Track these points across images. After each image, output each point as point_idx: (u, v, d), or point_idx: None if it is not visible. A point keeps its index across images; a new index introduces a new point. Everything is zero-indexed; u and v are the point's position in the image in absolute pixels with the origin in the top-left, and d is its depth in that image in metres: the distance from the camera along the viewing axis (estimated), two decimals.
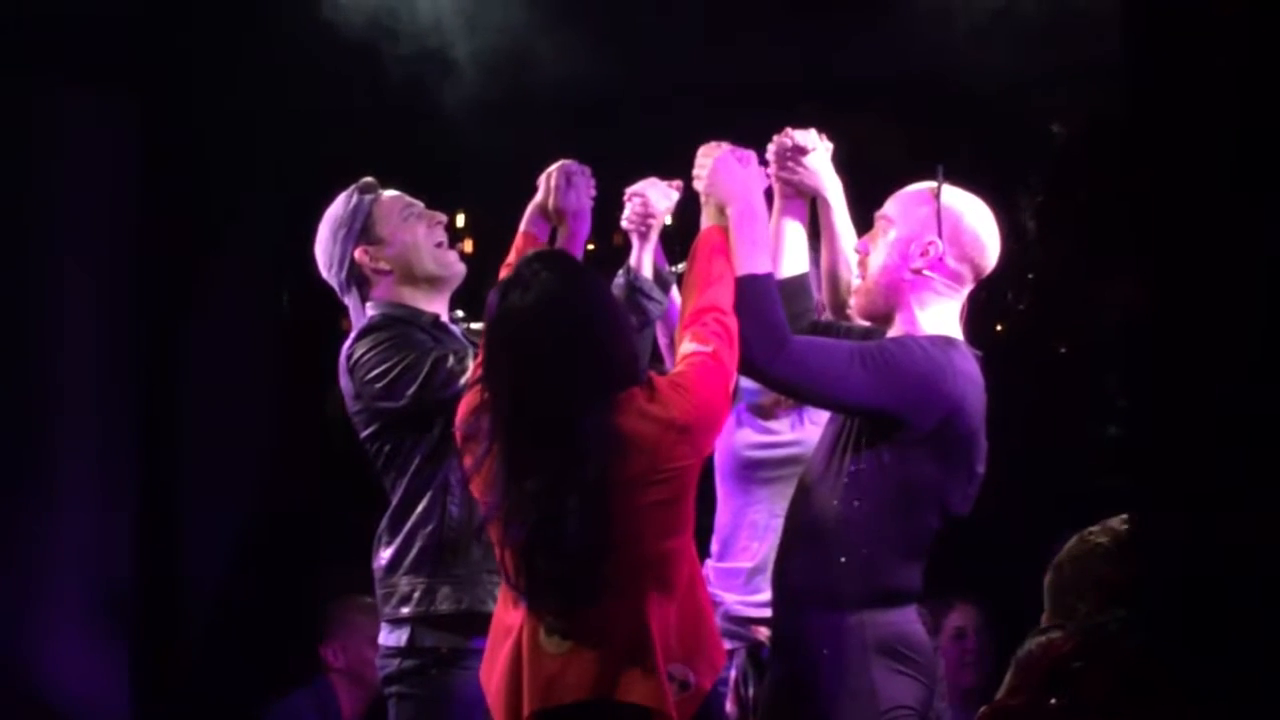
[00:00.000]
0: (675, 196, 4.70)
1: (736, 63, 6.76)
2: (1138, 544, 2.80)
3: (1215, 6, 2.71)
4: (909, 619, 4.15)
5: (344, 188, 4.80)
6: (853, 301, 4.39)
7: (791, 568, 4.21)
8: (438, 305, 4.71)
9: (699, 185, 4.30)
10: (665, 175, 4.86)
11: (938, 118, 6.92)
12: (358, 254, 4.70)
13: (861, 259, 4.31)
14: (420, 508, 4.56)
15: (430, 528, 4.54)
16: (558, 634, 3.94)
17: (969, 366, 4.17)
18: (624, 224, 4.67)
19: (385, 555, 4.62)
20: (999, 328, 7.53)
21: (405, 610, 4.57)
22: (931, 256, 4.19)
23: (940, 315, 4.21)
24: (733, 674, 4.85)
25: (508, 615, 4.04)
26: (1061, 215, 7.14)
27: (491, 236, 4.94)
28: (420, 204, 4.77)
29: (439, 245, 4.73)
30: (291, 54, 6.43)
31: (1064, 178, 7.02)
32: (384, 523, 4.66)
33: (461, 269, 4.73)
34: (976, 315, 7.58)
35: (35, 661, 6.50)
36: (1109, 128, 5.54)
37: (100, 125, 6.70)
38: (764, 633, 4.83)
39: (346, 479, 4.75)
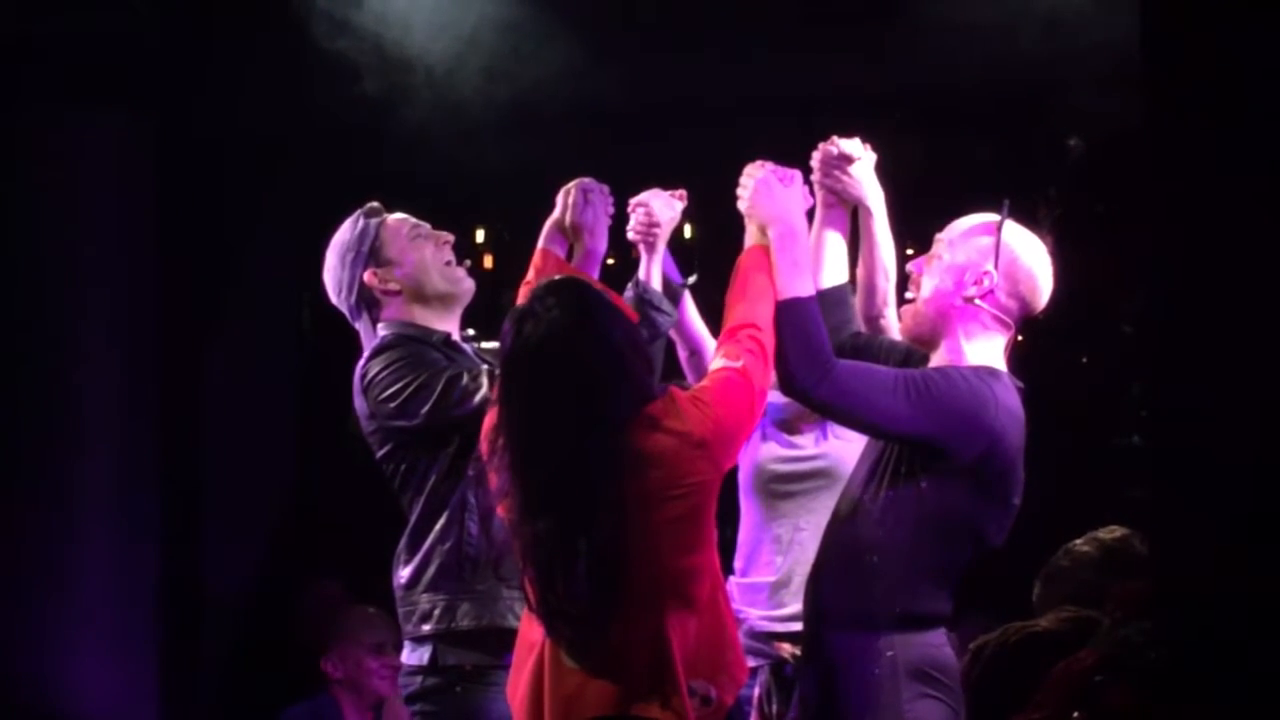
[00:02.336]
0: (679, 206, 4.70)
1: (756, 75, 6.76)
2: (1158, 555, 2.79)
3: (1234, 14, 2.70)
4: (939, 643, 4.14)
5: (361, 204, 4.80)
6: (900, 321, 4.39)
7: (825, 589, 4.21)
8: (449, 324, 4.71)
9: (741, 205, 4.29)
10: (687, 188, 4.85)
11: (956, 126, 6.91)
12: (367, 276, 4.70)
13: (915, 279, 4.30)
14: (439, 525, 4.55)
15: (449, 545, 4.53)
16: (578, 652, 3.93)
17: (1011, 400, 4.16)
18: (629, 235, 4.67)
19: (404, 573, 4.62)
20: (1019, 336, 7.52)
21: (426, 628, 4.57)
22: (985, 287, 4.19)
23: (986, 347, 4.20)
24: (756, 691, 4.84)
25: (531, 631, 4.04)
26: (1081, 224, 7.13)
27: (510, 252, 4.94)
28: (426, 225, 4.77)
29: (447, 263, 4.73)
30: (307, 71, 6.44)
31: (1083, 186, 7.01)
32: (403, 541, 4.65)
33: (470, 285, 4.72)
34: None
35: (62, 674, 6.51)
36: (1128, 136, 5.53)
37: (118, 144, 6.71)
38: (787, 649, 4.82)
39: (366, 495, 4.74)
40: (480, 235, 7.40)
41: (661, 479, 3.90)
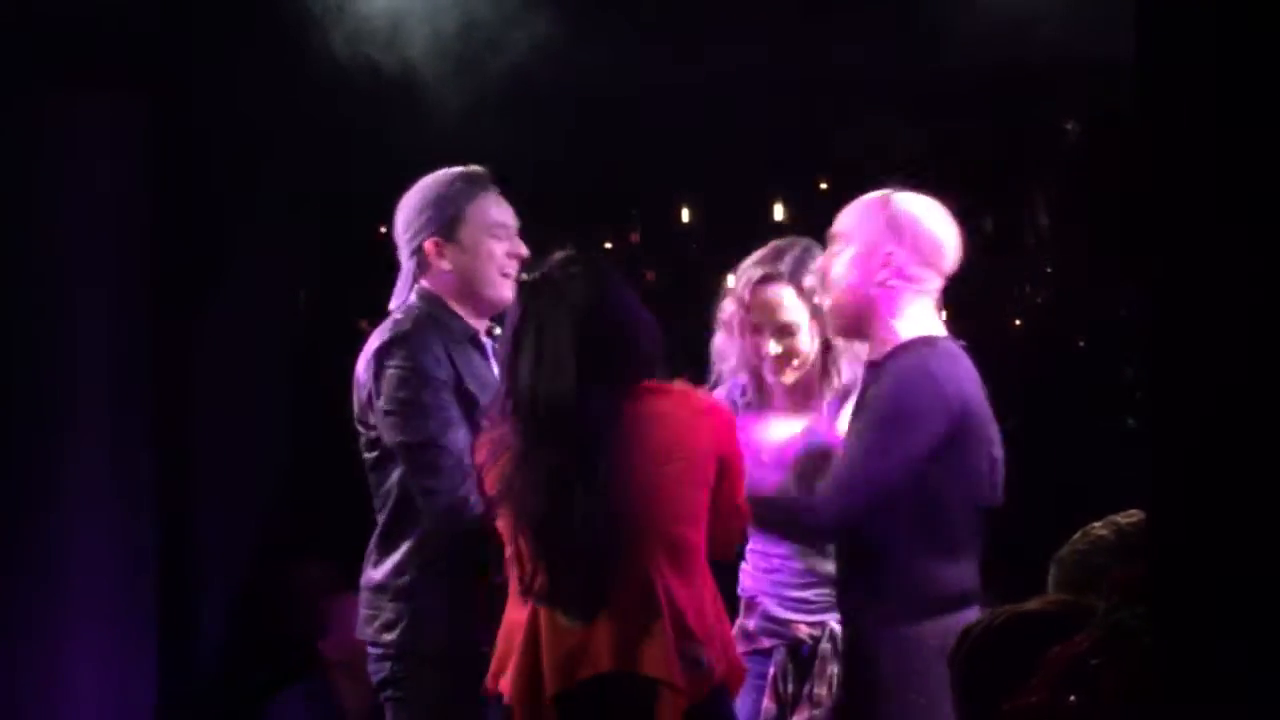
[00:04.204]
0: None
1: (749, 60, 6.76)
2: (1154, 538, 2.79)
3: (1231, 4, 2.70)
4: (968, 622, 4.16)
5: (355, 188, 4.79)
6: (828, 323, 4.42)
7: (848, 594, 4.24)
8: (477, 322, 4.66)
9: None
10: (683, 170, 4.86)
11: (952, 113, 6.91)
12: (428, 244, 4.64)
13: (824, 279, 4.32)
14: (411, 535, 4.54)
15: (421, 559, 4.52)
16: (576, 611, 3.96)
17: (953, 365, 4.18)
18: None
19: (374, 575, 4.60)
20: (1017, 322, 7.52)
21: (388, 637, 4.57)
22: (893, 267, 4.19)
23: (915, 317, 4.22)
24: (771, 670, 4.84)
25: (515, 612, 4.07)
26: (1077, 209, 7.13)
27: None
28: (514, 224, 4.68)
29: (505, 274, 4.64)
30: (301, 53, 6.43)
31: (1078, 172, 7.02)
32: (374, 540, 4.63)
33: (509, 301, 4.65)
34: (994, 309, 7.61)
35: (59, 663, 6.50)
36: (1122, 122, 5.54)
37: (110, 127, 6.69)
38: (804, 630, 4.83)
39: (361, 479, 4.74)
40: None
41: (661, 439, 3.99)
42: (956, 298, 4.42)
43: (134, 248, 6.78)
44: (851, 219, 4.26)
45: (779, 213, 6.40)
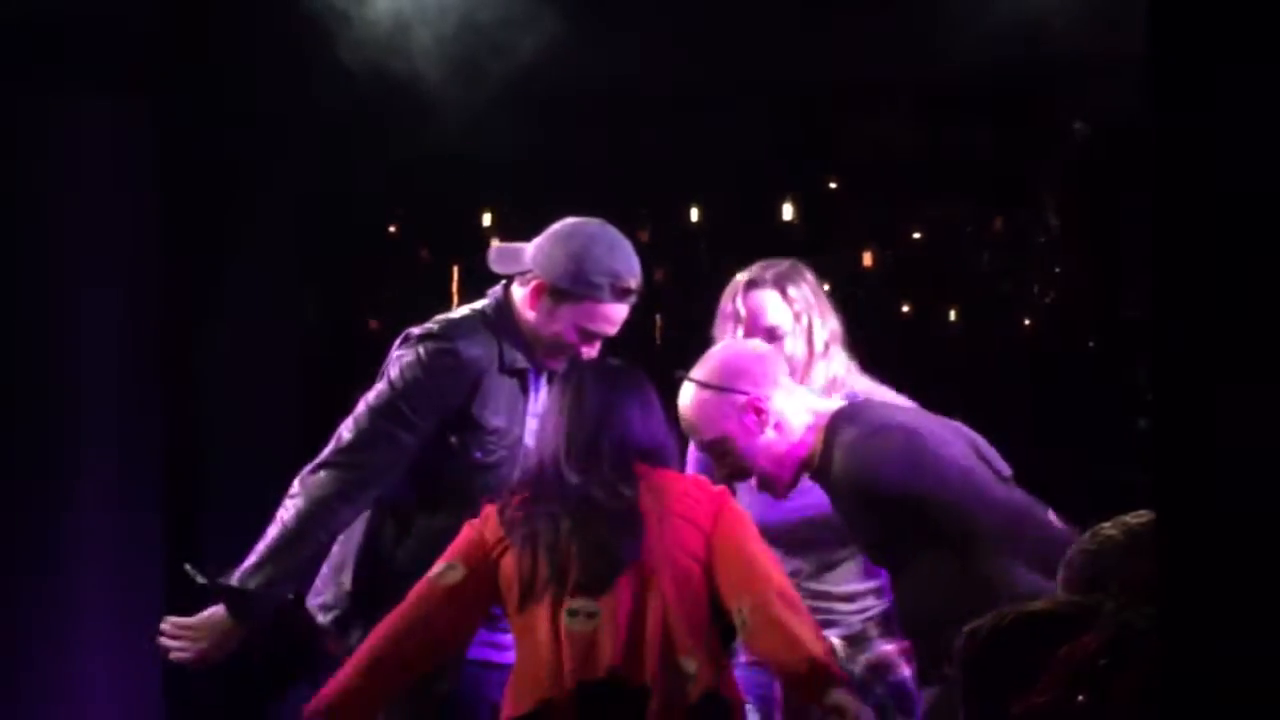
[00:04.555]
0: None
1: (758, 60, 6.76)
2: (1163, 538, 2.79)
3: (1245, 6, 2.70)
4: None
5: (363, 188, 4.77)
6: (771, 489, 4.45)
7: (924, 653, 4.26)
8: (527, 362, 4.53)
9: None
10: (689, 172, 4.87)
11: (960, 112, 6.92)
12: (537, 281, 4.43)
13: (735, 476, 4.36)
14: (366, 524, 4.51)
15: (368, 549, 4.49)
16: (581, 615, 4.04)
17: (880, 411, 4.24)
18: None
19: (335, 549, 4.56)
20: (1026, 322, 7.53)
21: (322, 617, 4.58)
22: (765, 414, 4.24)
23: (800, 408, 4.27)
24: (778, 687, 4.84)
25: (525, 645, 4.12)
26: (1086, 211, 7.13)
27: (517, 236, 4.95)
28: (608, 333, 4.48)
29: (558, 355, 4.47)
30: (309, 52, 6.43)
31: (1088, 174, 7.02)
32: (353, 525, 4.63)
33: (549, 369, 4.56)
34: (1002, 310, 7.62)
35: (66, 660, 6.51)
36: (1133, 124, 5.53)
37: (117, 128, 6.69)
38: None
39: None
40: (487, 218, 7.42)
41: (671, 504, 4.10)
42: (965, 298, 4.42)
43: (141, 249, 6.78)
44: (704, 426, 4.30)
45: (788, 212, 6.41)
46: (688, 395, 4.30)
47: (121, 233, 6.70)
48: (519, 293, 4.48)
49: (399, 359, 4.46)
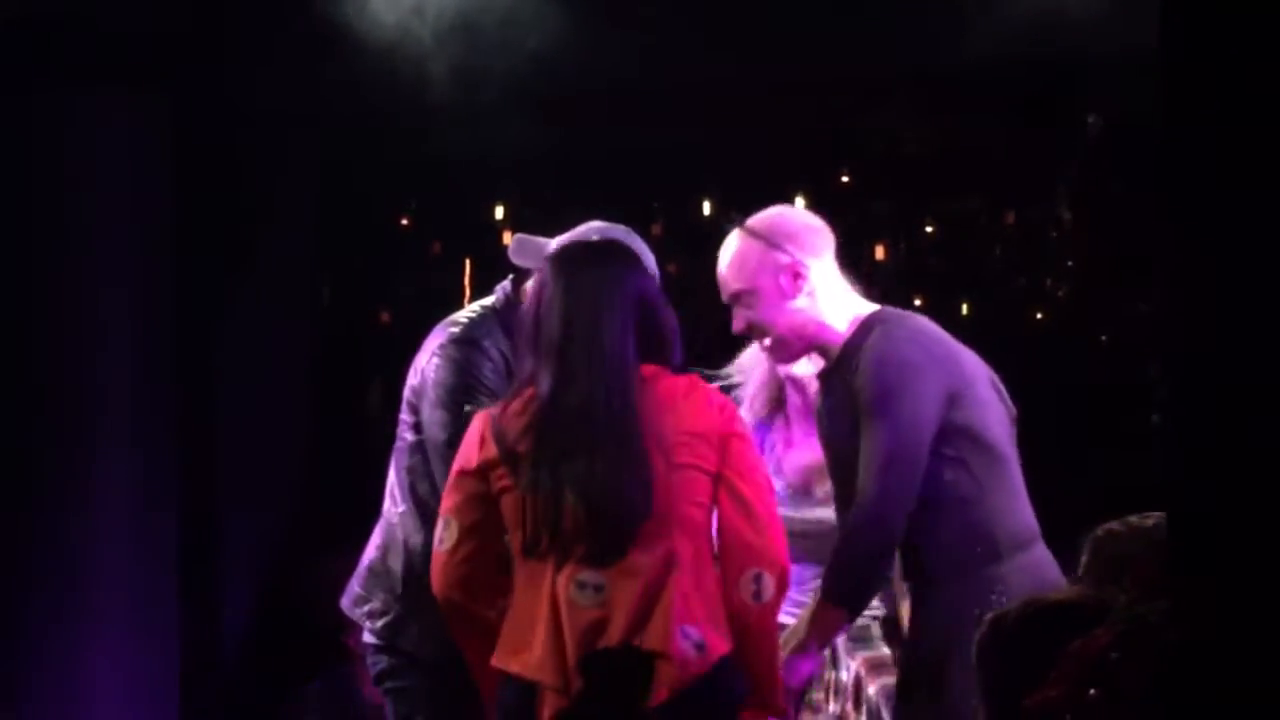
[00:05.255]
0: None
1: (770, 55, 6.76)
2: (1175, 533, 2.79)
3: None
4: (1039, 561, 4.17)
5: (378, 182, 4.77)
6: (779, 359, 4.43)
7: (916, 556, 4.23)
8: None
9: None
10: (703, 165, 4.87)
11: (972, 106, 6.91)
12: (528, 288, 4.45)
13: (750, 331, 4.34)
14: (422, 530, 4.54)
15: (417, 550, 4.50)
16: (590, 587, 3.96)
17: (909, 323, 4.21)
18: None
19: (374, 557, 4.59)
20: (1039, 316, 7.52)
21: (372, 625, 4.56)
22: (804, 279, 4.22)
23: (841, 303, 4.24)
24: None
25: (526, 597, 4.06)
26: (1099, 205, 7.12)
27: (529, 229, 4.95)
28: None
29: None
30: (322, 48, 6.44)
31: (1101, 168, 7.01)
32: (390, 525, 4.60)
33: None
34: (1018, 304, 7.61)
35: (83, 657, 6.52)
36: (1146, 118, 5.52)
37: (133, 124, 6.69)
38: None
39: (384, 471, 4.75)
40: (499, 212, 7.42)
41: (677, 423, 3.98)
42: (978, 290, 4.42)
43: (157, 245, 6.79)
44: (736, 271, 4.28)
45: (800, 205, 6.41)
46: (733, 241, 4.29)
47: (137, 230, 6.70)
48: (524, 285, 4.51)
49: (437, 373, 4.48)
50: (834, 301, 4.24)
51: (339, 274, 7.43)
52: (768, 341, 4.31)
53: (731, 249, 4.29)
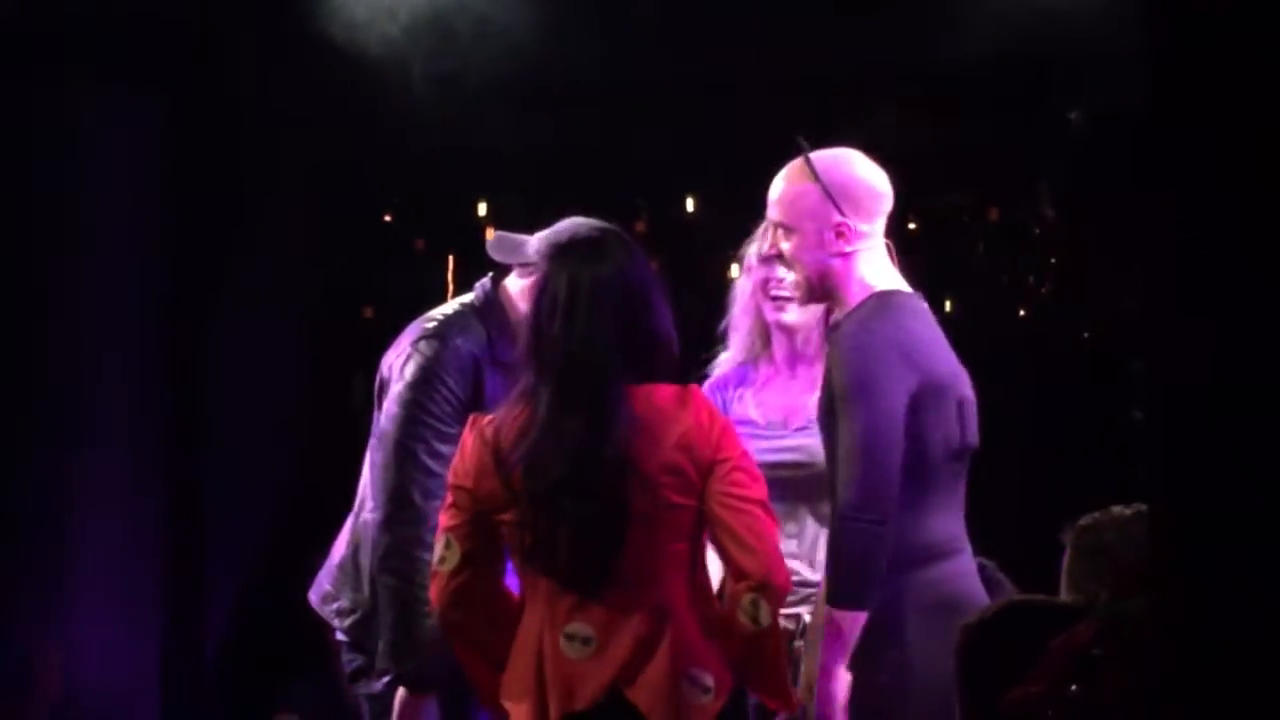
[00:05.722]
0: None
1: (753, 52, 6.76)
2: (1158, 531, 2.79)
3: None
4: (955, 573, 4.12)
5: (362, 179, 4.77)
6: (797, 297, 4.42)
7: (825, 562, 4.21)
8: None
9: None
10: (688, 165, 4.86)
11: (956, 103, 6.91)
12: (516, 272, 4.48)
13: (781, 257, 4.31)
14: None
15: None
16: (577, 640, 3.93)
17: (904, 316, 4.17)
18: None
19: (345, 554, 4.55)
20: (1022, 313, 7.52)
21: (340, 623, 4.55)
22: (847, 235, 4.19)
23: (874, 271, 4.21)
24: None
25: (526, 633, 4.03)
26: (1082, 202, 7.12)
27: (513, 226, 4.94)
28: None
29: None
30: (314, 45, 6.44)
31: (1084, 164, 7.01)
32: (361, 522, 4.55)
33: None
34: (1001, 301, 7.61)
35: (67, 650, 6.52)
36: (1130, 114, 5.53)
37: (129, 120, 6.71)
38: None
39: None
40: (483, 208, 7.41)
41: (666, 457, 3.93)
42: (961, 288, 4.42)
43: (148, 239, 6.80)
44: (786, 204, 4.23)
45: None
46: (793, 173, 4.23)
47: (129, 222, 6.73)
48: (516, 285, 4.49)
49: (404, 367, 4.45)
50: (867, 268, 4.20)
51: (324, 270, 7.42)
52: (792, 276, 4.29)
53: (788, 181, 4.23)
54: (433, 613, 4.14)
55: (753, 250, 4.83)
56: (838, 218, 4.16)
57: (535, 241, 4.45)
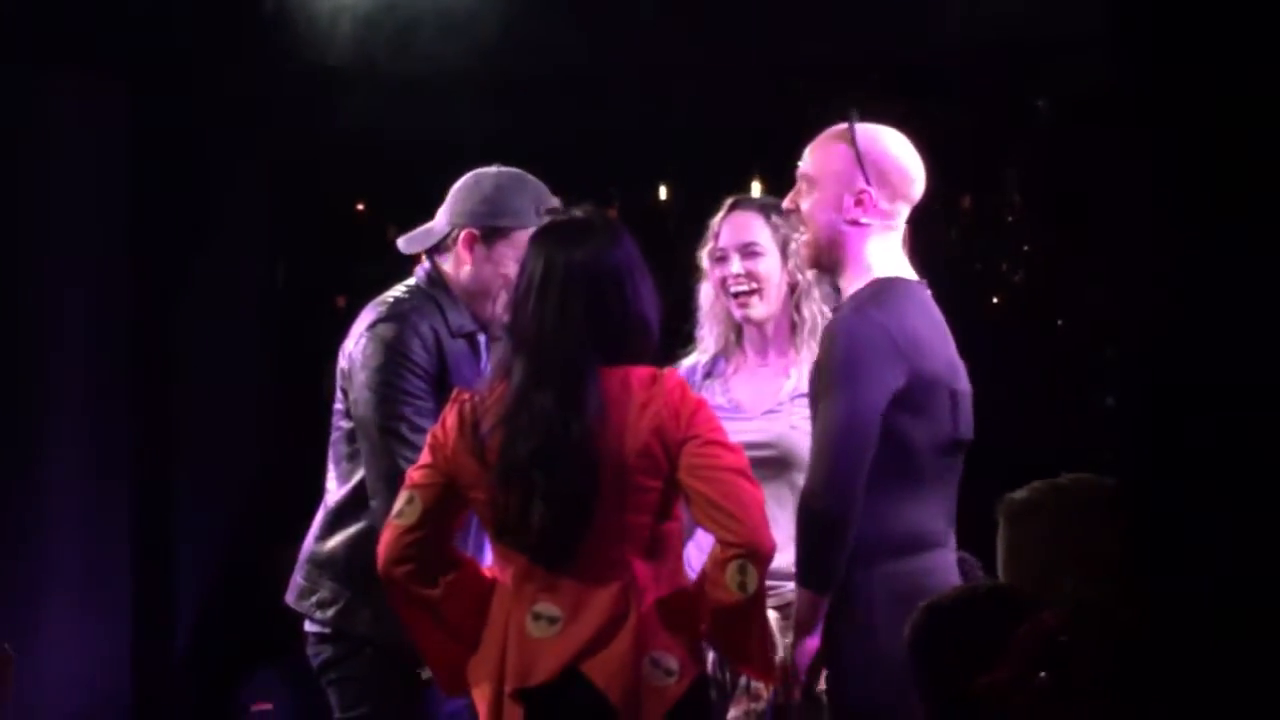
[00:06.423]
0: None
1: (726, 38, 6.76)
2: (1129, 515, 2.80)
3: None
4: (930, 568, 4.12)
5: (334, 168, 4.78)
6: (799, 256, 4.43)
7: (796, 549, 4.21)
8: (474, 324, 4.62)
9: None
10: (661, 152, 4.88)
11: (928, 91, 6.92)
12: (464, 233, 4.54)
13: (795, 214, 4.30)
14: (365, 517, 4.49)
15: (370, 544, 4.47)
16: (544, 619, 3.94)
17: (905, 305, 4.17)
18: None
19: (319, 549, 4.58)
20: (995, 300, 7.53)
21: (321, 615, 4.55)
22: (865, 203, 4.19)
23: (884, 252, 4.21)
24: (711, 655, 4.80)
25: (499, 604, 4.04)
26: (1052, 190, 7.14)
27: None
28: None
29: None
30: (282, 33, 6.42)
31: (1054, 152, 7.02)
32: (324, 512, 4.58)
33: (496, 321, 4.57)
34: (974, 288, 7.62)
35: (33, 638, 6.51)
36: (1099, 101, 5.54)
37: (90, 109, 6.69)
38: None
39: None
40: None
41: (636, 440, 3.94)
42: (934, 275, 4.41)
43: (113, 225, 6.79)
44: (818, 158, 4.24)
45: (756, 190, 6.42)
46: (836, 132, 4.23)
47: (95, 208, 6.72)
48: (448, 257, 4.55)
49: (366, 353, 4.46)
50: (876, 250, 4.20)
51: (294, 259, 7.41)
52: (801, 233, 4.29)
53: (828, 139, 4.25)
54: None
55: (704, 251, 4.86)
56: (861, 184, 4.17)
57: (441, 214, 4.57)
